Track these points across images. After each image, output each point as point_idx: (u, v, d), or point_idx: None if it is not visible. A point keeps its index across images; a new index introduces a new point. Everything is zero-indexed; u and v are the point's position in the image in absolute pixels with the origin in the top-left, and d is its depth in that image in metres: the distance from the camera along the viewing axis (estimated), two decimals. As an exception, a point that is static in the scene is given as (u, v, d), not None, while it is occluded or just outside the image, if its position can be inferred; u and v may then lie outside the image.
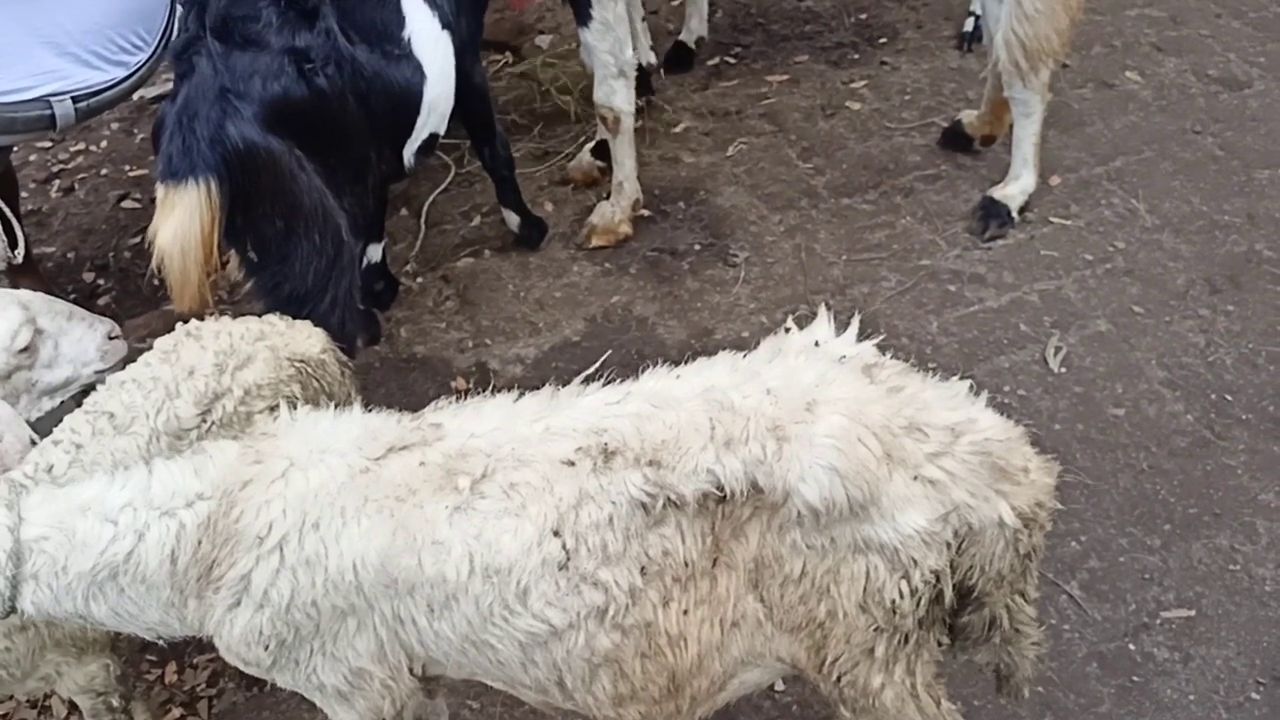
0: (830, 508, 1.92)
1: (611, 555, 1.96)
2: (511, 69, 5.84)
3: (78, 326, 2.81)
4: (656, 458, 1.95)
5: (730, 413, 1.96)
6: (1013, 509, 1.99)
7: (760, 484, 1.94)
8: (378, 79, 3.49)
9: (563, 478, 1.96)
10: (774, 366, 2.06)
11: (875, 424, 1.94)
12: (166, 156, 3.04)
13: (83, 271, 5.06)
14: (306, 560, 1.97)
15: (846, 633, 2.06)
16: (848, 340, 2.15)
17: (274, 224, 3.23)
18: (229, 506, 1.98)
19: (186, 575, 1.98)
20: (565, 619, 1.99)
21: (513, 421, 2.06)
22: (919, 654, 2.14)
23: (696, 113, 5.36)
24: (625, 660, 2.05)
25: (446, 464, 2.00)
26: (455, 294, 4.59)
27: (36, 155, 5.81)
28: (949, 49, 5.57)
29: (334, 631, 2.04)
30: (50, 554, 1.93)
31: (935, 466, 1.96)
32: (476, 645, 2.05)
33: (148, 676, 3.37)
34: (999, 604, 2.13)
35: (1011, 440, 2.05)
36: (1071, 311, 4.13)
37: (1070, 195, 4.64)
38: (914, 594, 2.01)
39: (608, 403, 2.06)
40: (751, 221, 4.70)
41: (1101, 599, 3.23)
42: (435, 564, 1.96)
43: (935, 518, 1.95)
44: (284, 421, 2.11)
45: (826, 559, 2.00)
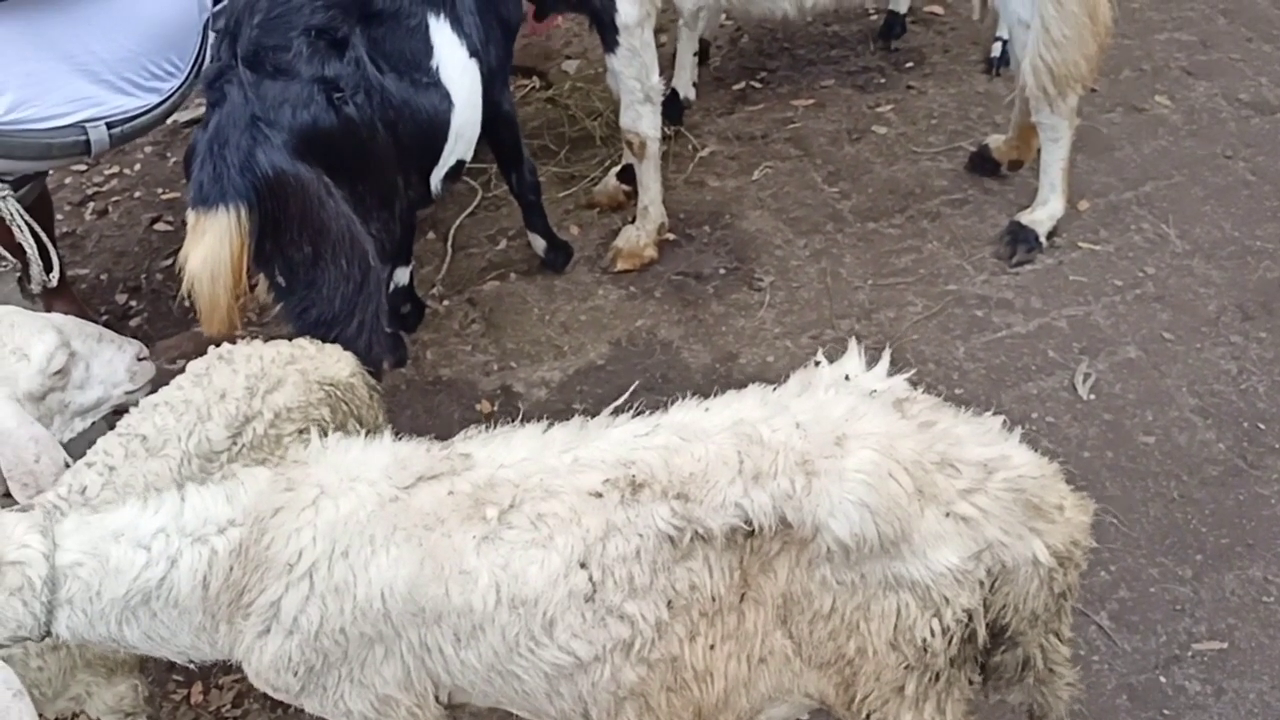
0: (860, 544, 1.91)
1: (638, 588, 1.95)
2: (539, 93, 5.89)
3: (107, 348, 2.85)
4: (684, 491, 1.95)
5: (759, 446, 1.96)
6: (1047, 547, 1.97)
7: (789, 519, 1.93)
8: (406, 107, 3.52)
9: (590, 509, 1.96)
10: (804, 400, 2.05)
11: (907, 459, 1.93)
12: (198, 184, 3.08)
13: (116, 293, 5.12)
14: (335, 588, 1.98)
15: (876, 670, 2.04)
16: (878, 374, 2.13)
17: (302, 250, 3.26)
18: (260, 533, 1.99)
19: (218, 600, 2.00)
20: (591, 651, 1.99)
21: (541, 452, 2.06)
22: (950, 692, 2.12)
23: (722, 137, 5.38)
24: (651, 694, 2.04)
25: (475, 494, 2.01)
26: (481, 317, 4.61)
27: (72, 178, 5.90)
28: (976, 73, 5.57)
29: (362, 659, 2.05)
30: (84, 580, 1.94)
31: (968, 503, 1.94)
32: (502, 675, 2.04)
33: (174, 697, 3.39)
34: (1033, 644, 2.11)
35: (1046, 477, 2.03)
36: (1101, 338, 4.10)
37: (1099, 220, 4.61)
38: (945, 632, 1.99)
39: (636, 435, 2.06)
40: (777, 246, 4.70)
41: (1132, 630, 3.19)
42: (462, 593, 1.96)
43: (968, 555, 1.94)
44: (315, 449, 2.12)
45: (856, 595, 1.99)
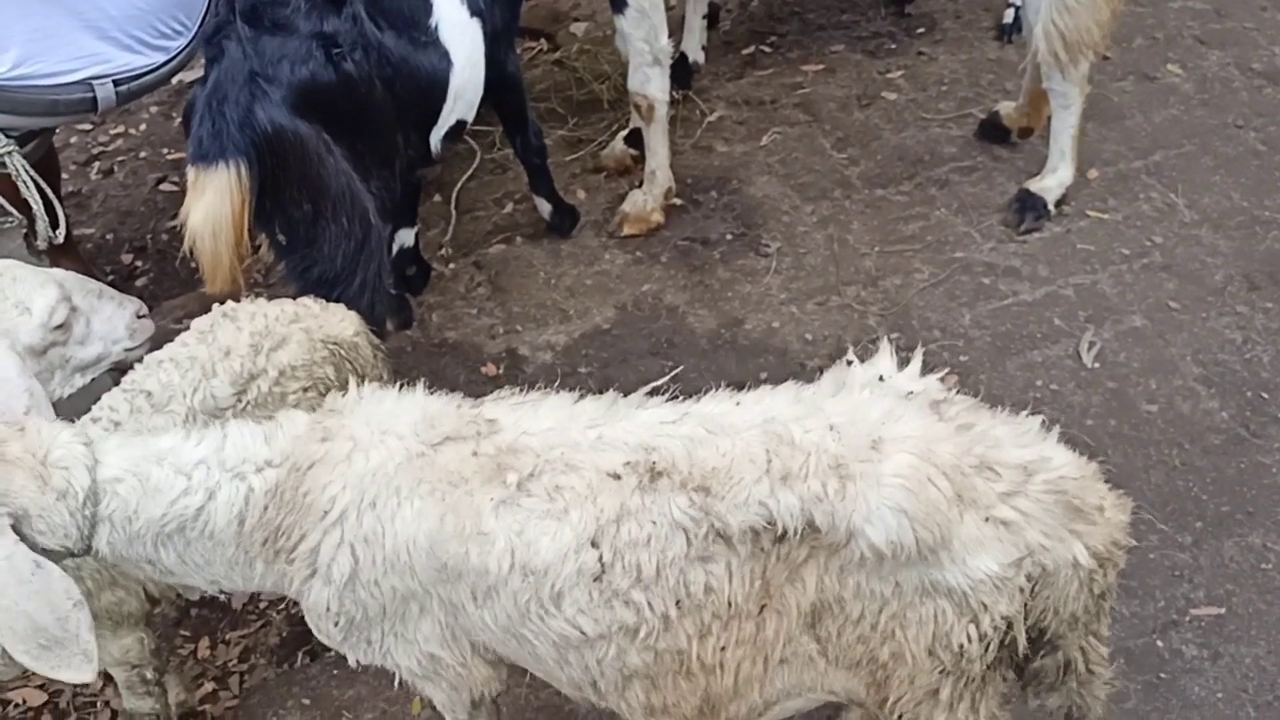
0: (897, 551, 1.86)
1: (646, 578, 1.93)
2: (546, 56, 5.85)
3: (108, 305, 2.85)
4: (705, 484, 1.91)
5: (789, 446, 1.90)
6: (1087, 549, 1.93)
7: (818, 523, 1.88)
8: (404, 65, 3.51)
9: (607, 489, 1.93)
10: (838, 401, 2.00)
11: (945, 463, 1.87)
12: (197, 140, 3.08)
13: (121, 253, 5.14)
14: (365, 538, 2.00)
15: (911, 674, 2.00)
16: (912, 374, 2.08)
17: (302, 207, 3.26)
18: (298, 481, 2.01)
19: (252, 538, 2.02)
20: (597, 630, 1.98)
21: (567, 425, 2.04)
22: (984, 691, 2.07)
23: (731, 102, 5.35)
24: (658, 676, 2.03)
25: (498, 458, 2.01)
26: (487, 280, 4.61)
27: (77, 138, 5.89)
28: (988, 40, 5.52)
29: (400, 614, 2.07)
30: (124, 497, 1.95)
31: (1008, 507, 1.89)
32: (516, 638, 2.06)
33: (180, 651, 3.43)
34: (1073, 646, 2.08)
35: (1086, 478, 1.98)
36: (1107, 306, 4.09)
37: (1108, 189, 4.59)
38: (983, 639, 1.94)
39: (663, 421, 2.03)
40: (784, 212, 4.68)
41: (1130, 595, 3.20)
42: (480, 554, 1.97)
43: (1008, 562, 1.89)
44: (350, 399, 2.13)
45: (891, 604, 1.94)
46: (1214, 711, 2.93)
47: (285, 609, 3.56)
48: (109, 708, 3.35)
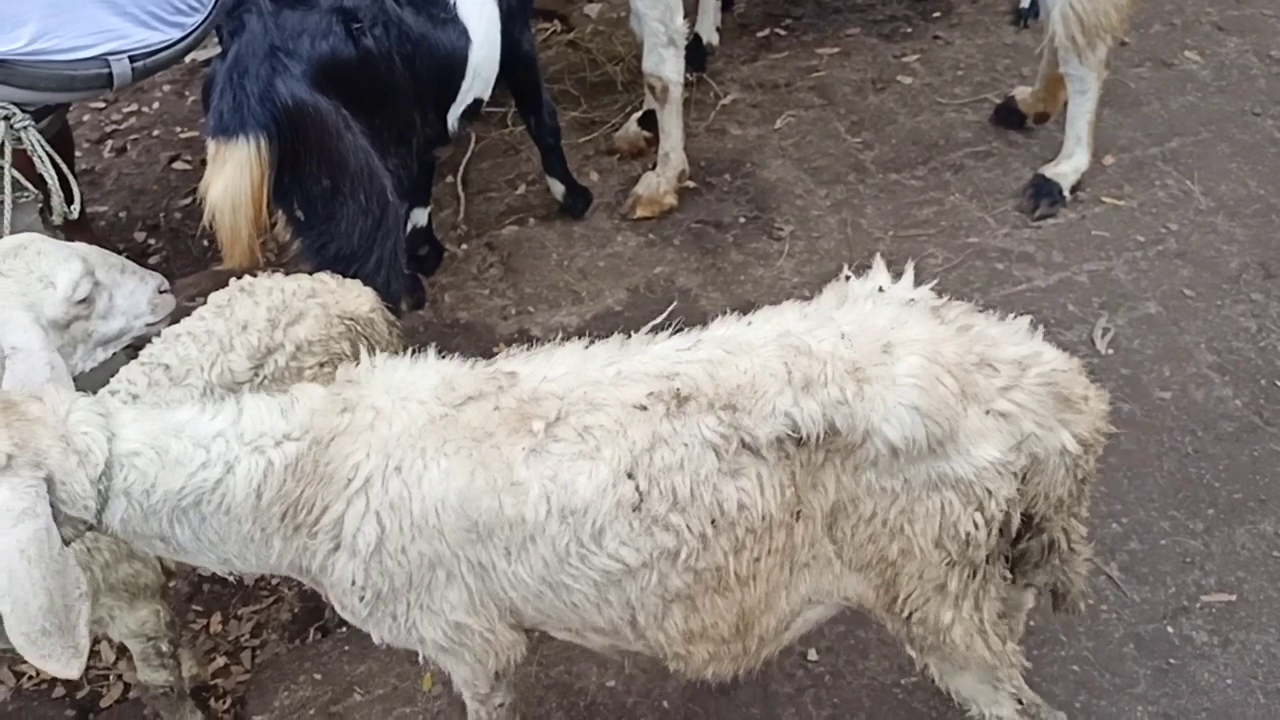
0: (910, 445, 1.97)
1: (681, 501, 1.99)
2: (560, 37, 5.84)
3: (130, 280, 2.85)
4: (732, 402, 1.99)
5: (807, 356, 1.99)
6: (1074, 436, 2.06)
7: (838, 426, 1.97)
8: (423, 41, 3.51)
9: (636, 421, 1.99)
10: (845, 311, 2.09)
11: (950, 362, 1.99)
12: (218, 113, 3.08)
13: (134, 231, 5.14)
14: (391, 504, 2.00)
15: (920, 569, 2.11)
16: (907, 284, 2.19)
17: (321, 183, 3.27)
18: (319, 452, 2.01)
19: (269, 512, 2.01)
20: (639, 558, 2.03)
21: (583, 367, 2.09)
22: (986, 589, 2.20)
23: (745, 84, 5.33)
24: (697, 597, 2.10)
25: (520, 408, 2.03)
26: (499, 261, 4.61)
27: (90, 115, 5.89)
28: (1004, 24, 5.49)
29: (426, 583, 2.08)
30: (141, 470, 1.94)
31: (1006, 400, 2.02)
32: (553, 587, 2.08)
33: (193, 626, 3.45)
34: (1057, 528, 2.22)
35: (1072, 370, 2.13)
36: (1121, 293, 4.08)
37: (1124, 175, 4.57)
38: (988, 524, 2.07)
39: (678, 349, 2.09)
40: (798, 195, 4.67)
41: (1141, 581, 3.21)
42: (515, 505, 1.99)
43: (1008, 449, 2.01)
44: (365, 369, 2.13)
45: (900, 500, 2.05)
46: (1224, 698, 2.93)
47: (297, 586, 3.58)
48: (121, 680, 3.37)
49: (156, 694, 2.86)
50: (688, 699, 3.05)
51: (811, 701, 3.01)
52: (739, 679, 3.01)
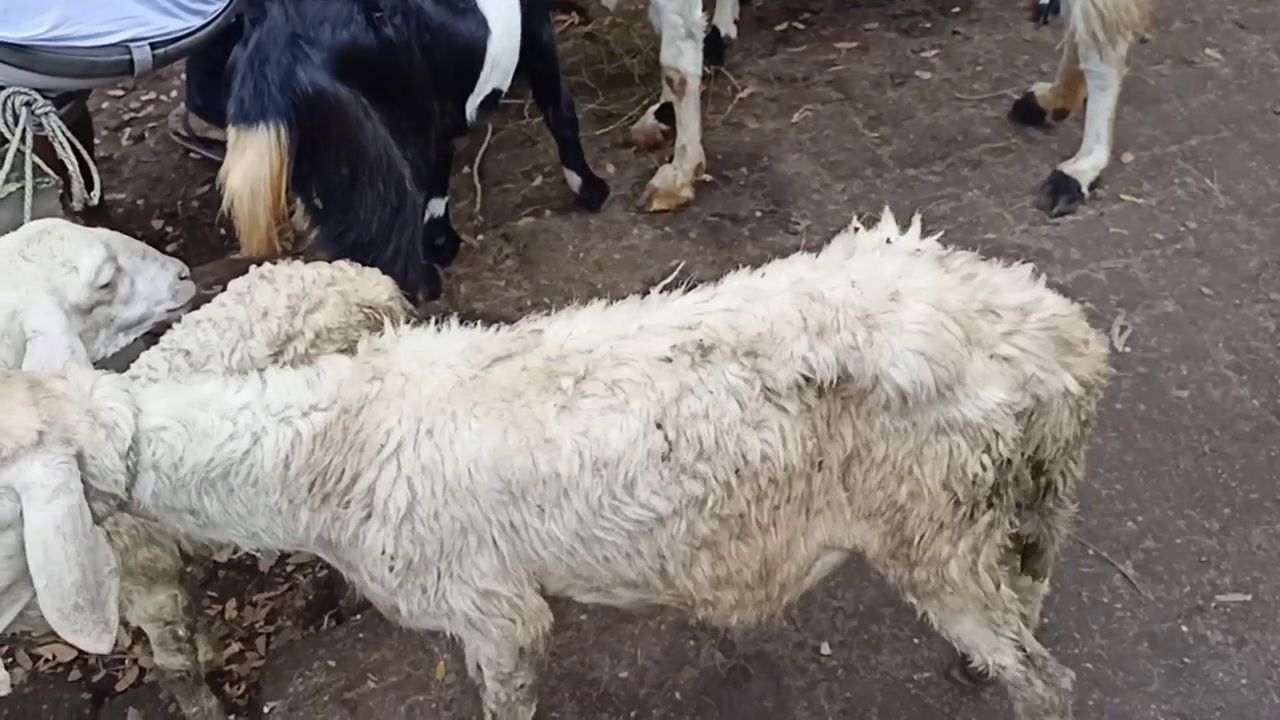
0: (918, 390, 2.03)
1: (707, 450, 2.05)
2: (577, 29, 5.83)
3: (151, 266, 2.86)
4: (753, 348, 2.05)
5: (820, 304, 2.05)
6: (1076, 378, 2.13)
7: (850, 370, 2.03)
8: (442, 31, 3.52)
9: (662, 373, 2.04)
10: (855, 261, 2.15)
11: (955, 309, 2.05)
12: (239, 100, 3.09)
13: (151, 219, 5.16)
14: (423, 468, 2.02)
15: (929, 511, 2.18)
16: (914, 236, 2.24)
17: (340, 171, 3.28)
18: (349, 421, 2.03)
19: (297, 482, 2.02)
20: (669, 506, 2.09)
21: (607, 323, 2.14)
22: (990, 535, 2.26)
23: (763, 78, 5.32)
24: (722, 544, 2.16)
25: (547, 366, 2.07)
26: (515, 252, 4.62)
27: (109, 103, 5.91)
28: (1024, 20, 5.47)
29: (457, 549, 2.10)
30: (169, 444, 1.94)
31: (1009, 344, 2.08)
32: (585, 542, 2.12)
33: (208, 612, 3.47)
34: (1057, 470, 2.30)
35: (1073, 315, 2.19)
36: (1139, 291, 4.06)
37: (1142, 173, 4.55)
38: (995, 465, 2.13)
39: (697, 301, 2.14)
40: (814, 190, 4.67)
41: (1156, 579, 3.20)
42: (548, 462, 2.03)
43: (1012, 391, 2.08)
44: (390, 338, 2.15)
45: (909, 441, 2.11)
46: (1238, 697, 2.92)
47: (311, 572, 3.60)
48: (136, 665, 3.39)
49: (173, 678, 2.88)
50: (700, 690, 3.06)
51: (824, 695, 3.02)
52: (750, 673, 3.06)
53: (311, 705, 3.13)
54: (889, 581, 2.41)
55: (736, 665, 3.10)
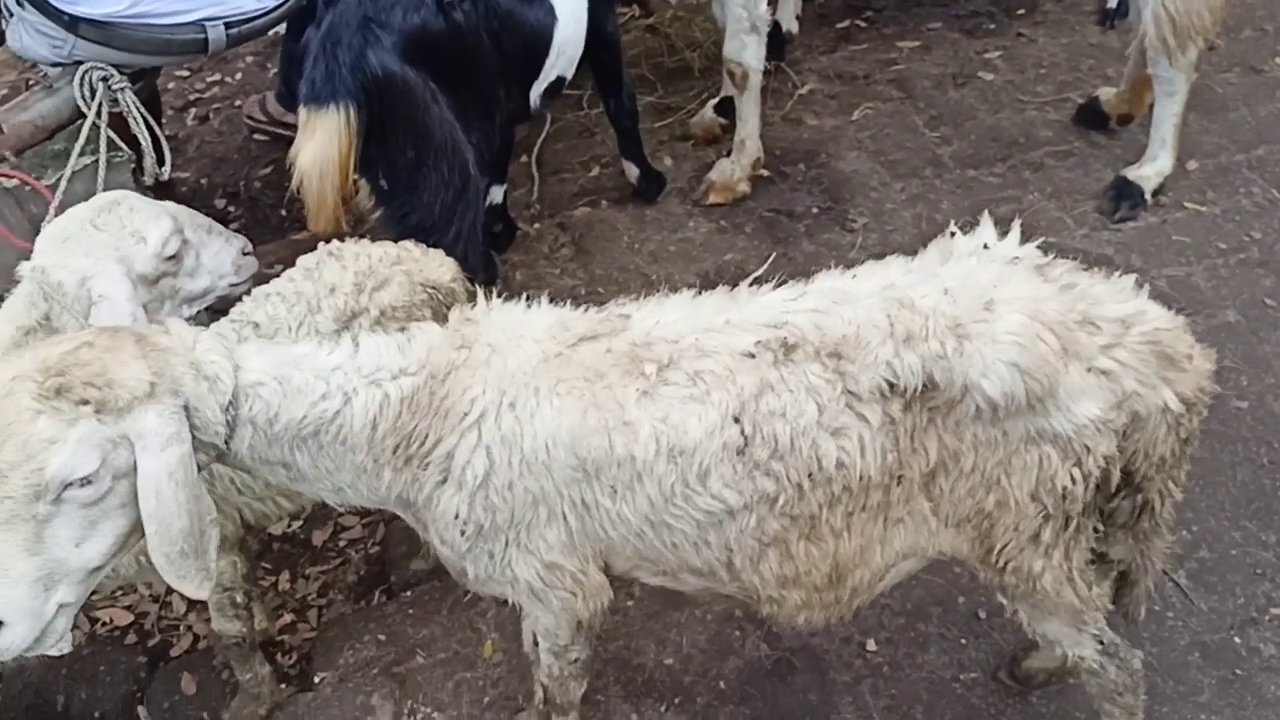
0: (1010, 402, 2.00)
1: (782, 449, 2.05)
2: (639, 21, 5.85)
3: (216, 240, 2.92)
4: (837, 350, 2.04)
5: (909, 310, 2.03)
6: (1177, 395, 2.09)
7: (937, 380, 2.01)
8: (510, 18, 3.55)
9: (744, 369, 2.05)
10: (949, 268, 2.12)
11: (1052, 320, 2.02)
12: (310, 81, 3.14)
13: (214, 198, 5.25)
14: (502, 439, 2.05)
15: (1015, 520, 2.15)
16: (1013, 242, 2.20)
17: (406, 153, 3.32)
18: (435, 386, 2.06)
19: (383, 444, 2.07)
20: (740, 500, 2.09)
21: (695, 314, 2.14)
22: (1077, 540, 2.24)
23: (823, 75, 5.31)
24: (791, 543, 2.16)
25: (632, 352, 2.09)
26: (570, 241, 4.65)
27: (175, 83, 6.02)
28: (1089, 24, 5.41)
29: (526, 521, 2.13)
30: (266, 399, 1.99)
31: (1108, 358, 2.05)
32: (655, 526, 2.14)
33: (263, 583, 3.53)
34: (1154, 489, 2.24)
35: (1177, 329, 2.14)
36: (1200, 300, 4.01)
37: (1207, 181, 4.49)
38: (1085, 478, 2.10)
39: (786, 299, 2.14)
40: (873, 188, 4.65)
41: (1209, 590, 3.16)
42: (625, 444, 2.05)
43: (1109, 406, 2.05)
44: (482, 309, 2.19)
45: (998, 451, 2.08)
46: (1290, 711, 2.89)
47: (364, 548, 3.65)
48: (191, 631, 3.46)
49: (229, 644, 2.94)
50: (744, 681, 3.07)
51: (869, 691, 3.02)
52: (795, 666, 3.07)
53: (361, 677, 3.18)
54: (980, 582, 2.39)
55: (781, 657, 3.11)
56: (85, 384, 1.81)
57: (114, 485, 1.86)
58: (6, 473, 1.78)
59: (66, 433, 1.79)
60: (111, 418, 1.82)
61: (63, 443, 1.78)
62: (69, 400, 1.80)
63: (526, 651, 2.61)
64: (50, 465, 1.78)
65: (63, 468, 1.78)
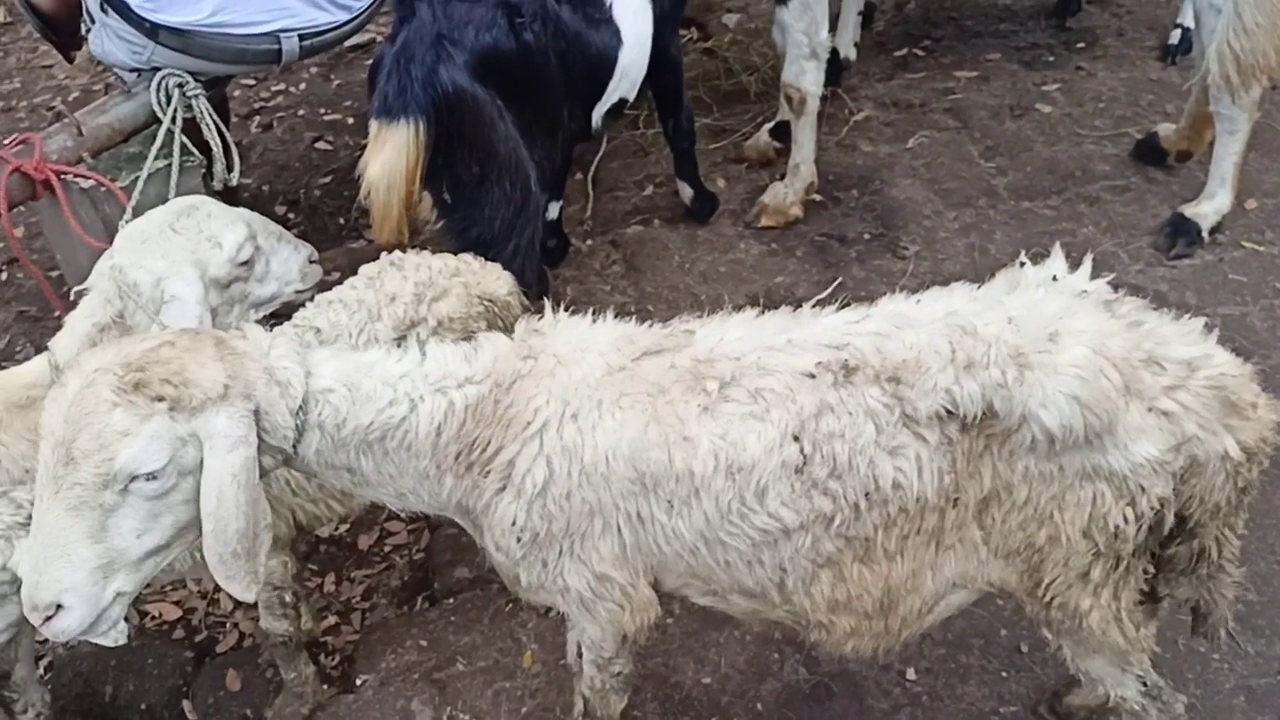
0: (1067, 434, 2.00)
1: (840, 469, 2.06)
2: (697, 44, 5.91)
3: (285, 248, 3.00)
4: (897, 375, 2.05)
5: (971, 338, 2.04)
6: (1239, 443, 2.06)
7: (996, 408, 2.01)
8: (578, 40, 3.61)
9: (804, 388, 2.06)
10: (1015, 297, 2.13)
11: (1116, 356, 2.01)
12: (382, 95, 3.21)
13: (275, 205, 5.35)
14: (564, 449, 2.08)
15: (1065, 556, 2.15)
16: (1083, 276, 2.19)
17: (471, 168, 3.38)
18: (500, 394, 2.10)
19: (446, 451, 2.11)
20: (796, 520, 2.10)
21: (757, 334, 2.16)
22: (1126, 580, 2.23)
23: (879, 102, 5.33)
24: (845, 565, 2.16)
25: (695, 368, 2.12)
26: (622, 259, 4.69)
27: (240, 92, 6.15)
28: (1150, 59, 5.39)
29: (582, 531, 2.15)
30: (335, 405, 2.04)
31: (1170, 399, 2.03)
32: (709, 543, 2.15)
33: (308, 584, 3.58)
34: (1210, 535, 2.20)
35: (1244, 376, 2.11)
36: (1255, 340, 3.98)
37: (1266, 220, 4.46)
38: (1138, 519, 2.09)
39: (848, 321, 2.16)
40: (925, 216, 4.66)
41: (1257, 634, 3.13)
42: (684, 459, 2.07)
43: (1167, 448, 2.03)
44: (549, 320, 2.23)
45: (1052, 485, 2.08)
46: (1336, 760, 2.85)
47: (408, 554, 3.70)
48: (237, 629, 3.52)
49: (275, 642, 2.99)
50: (782, 704, 3.08)
51: None
52: (834, 691, 3.06)
53: (402, 681, 3.22)
54: (1026, 615, 2.38)
55: (820, 682, 3.11)
56: (163, 381, 1.87)
57: (179, 482, 1.92)
58: (79, 460, 1.84)
59: (140, 427, 1.85)
60: (184, 416, 1.88)
61: (135, 436, 1.84)
62: (145, 395, 1.86)
63: (569, 663, 2.63)
64: (121, 456, 1.84)
65: (132, 460, 1.84)
